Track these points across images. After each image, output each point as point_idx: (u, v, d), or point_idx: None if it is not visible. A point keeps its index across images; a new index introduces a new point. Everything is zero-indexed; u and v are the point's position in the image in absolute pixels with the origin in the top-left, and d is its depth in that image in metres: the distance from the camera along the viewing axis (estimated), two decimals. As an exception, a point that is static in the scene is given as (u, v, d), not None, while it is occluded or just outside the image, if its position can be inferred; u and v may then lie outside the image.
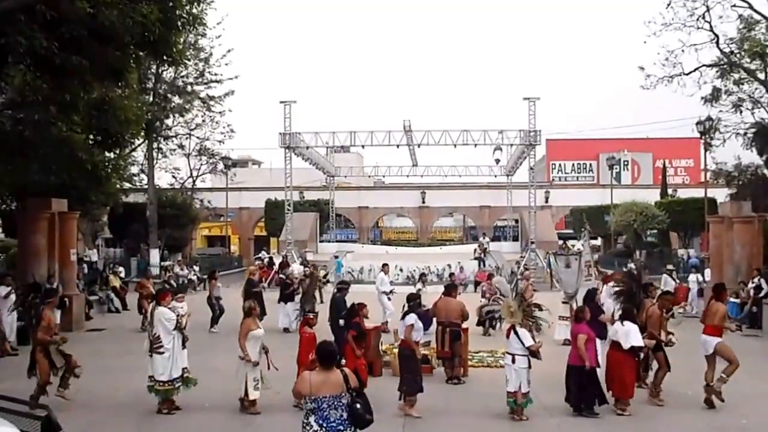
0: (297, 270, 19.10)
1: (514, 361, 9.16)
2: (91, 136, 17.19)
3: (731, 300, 17.38)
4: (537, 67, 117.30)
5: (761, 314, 17.53)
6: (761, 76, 25.43)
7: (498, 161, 41.52)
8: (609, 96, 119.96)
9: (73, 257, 18.75)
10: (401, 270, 32.70)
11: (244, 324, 9.54)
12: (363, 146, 36.92)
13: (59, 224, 17.62)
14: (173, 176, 37.87)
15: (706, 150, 28.31)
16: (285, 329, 16.67)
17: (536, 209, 36.57)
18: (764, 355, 14.55)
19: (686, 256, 29.81)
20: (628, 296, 10.77)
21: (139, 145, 30.03)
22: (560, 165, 58.56)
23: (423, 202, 52.26)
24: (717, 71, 26.38)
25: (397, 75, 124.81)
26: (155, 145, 32.31)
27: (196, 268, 28.65)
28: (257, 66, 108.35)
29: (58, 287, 14.60)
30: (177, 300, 10.31)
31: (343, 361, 8.87)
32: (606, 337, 10.21)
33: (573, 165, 58.65)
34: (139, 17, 11.47)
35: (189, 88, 32.86)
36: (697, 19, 24.59)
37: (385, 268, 18.99)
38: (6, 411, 6.06)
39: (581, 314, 9.82)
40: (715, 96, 26.76)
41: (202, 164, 38.54)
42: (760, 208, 20.58)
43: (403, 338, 9.94)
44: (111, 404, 9.92)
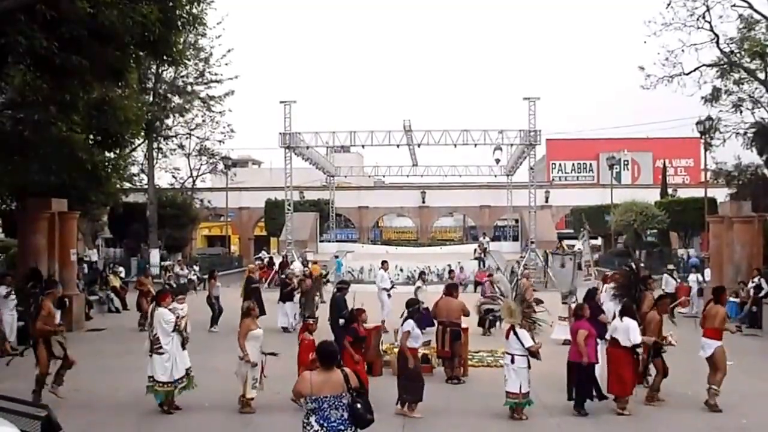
0: (298, 268, 19.12)
1: (513, 362, 9.16)
2: (91, 136, 17.17)
3: (731, 299, 17.39)
4: (537, 67, 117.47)
5: (761, 314, 17.54)
6: (761, 76, 25.44)
7: (498, 161, 41.53)
8: (609, 96, 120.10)
9: (73, 257, 18.75)
10: (401, 270, 32.66)
11: (244, 324, 9.55)
12: (363, 146, 36.96)
13: (59, 224, 17.62)
14: (173, 176, 38.05)
15: (706, 150, 28.33)
16: (284, 329, 16.68)
17: (536, 209, 36.56)
18: (764, 355, 14.57)
19: (686, 256, 29.80)
20: (626, 289, 10.76)
21: (139, 145, 30.08)
22: (560, 165, 58.55)
23: (423, 202, 52.25)
24: (717, 71, 26.40)
25: (397, 75, 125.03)
26: (155, 145, 32.37)
27: (196, 268, 28.64)
28: (257, 66, 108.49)
29: (58, 283, 14.58)
30: (178, 301, 10.26)
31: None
32: (605, 337, 10.20)
33: (573, 165, 58.64)
34: (139, 17, 11.46)
35: (189, 88, 32.93)
36: (697, 19, 24.65)
37: (385, 265, 19.01)
38: (6, 411, 6.05)
39: (581, 311, 9.84)
40: (715, 96, 26.77)
41: (202, 164, 38.69)
42: (760, 208, 20.59)
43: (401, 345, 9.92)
44: (111, 404, 9.92)
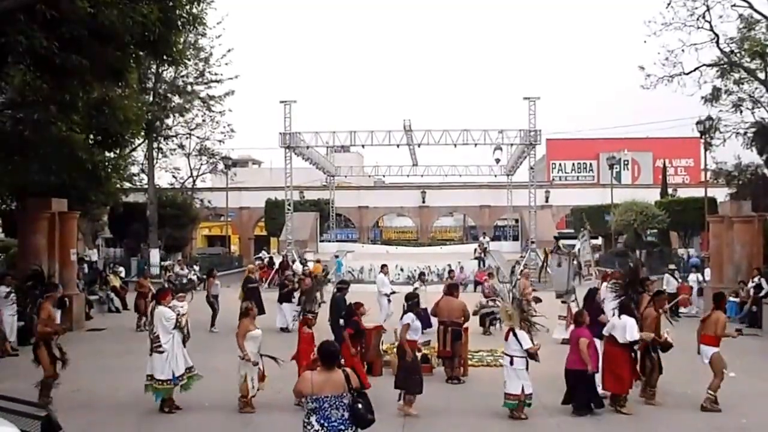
0: (298, 270, 19.08)
1: (513, 363, 9.16)
2: (91, 136, 17.17)
3: (731, 299, 17.41)
4: (537, 67, 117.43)
5: (761, 314, 17.53)
6: (761, 76, 25.46)
7: (498, 161, 41.57)
8: (609, 96, 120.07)
9: (73, 257, 18.75)
10: (401, 270, 32.64)
11: (242, 324, 9.56)
12: (363, 146, 37.01)
13: (59, 224, 17.62)
14: (173, 176, 38.11)
15: (706, 150, 28.33)
16: (282, 329, 16.60)
17: (536, 209, 36.59)
18: (764, 355, 14.57)
19: (686, 256, 29.77)
20: (626, 288, 10.76)
21: (139, 145, 30.10)
22: (560, 165, 58.53)
23: (423, 202, 52.25)
24: (717, 71, 26.43)
25: (397, 75, 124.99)
26: (155, 145, 32.39)
27: (196, 268, 28.63)
28: (257, 66, 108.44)
29: (58, 286, 14.57)
30: (178, 299, 10.30)
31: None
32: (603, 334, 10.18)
33: (573, 165, 58.61)
34: (139, 17, 11.46)
35: (189, 88, 32.95)
36: (697, 19, 24.68)
37: (384, 269, 18.64)
38: (6, 411, 6.06)
39: (581, 318, 9.81)
40: (715, 96, 26.80)
41: (202, 164, 38.72)
42: (760, 208, 20.60)
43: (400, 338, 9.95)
44: (111, 404, 9.92)
